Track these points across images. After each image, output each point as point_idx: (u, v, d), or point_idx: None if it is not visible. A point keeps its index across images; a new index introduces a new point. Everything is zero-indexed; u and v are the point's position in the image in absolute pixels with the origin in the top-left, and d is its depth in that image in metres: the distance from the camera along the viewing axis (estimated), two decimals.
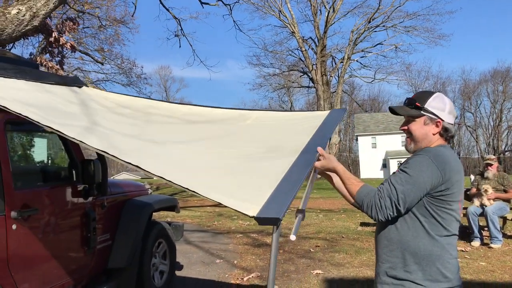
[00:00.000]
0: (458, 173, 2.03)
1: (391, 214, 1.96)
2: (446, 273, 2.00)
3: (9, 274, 3.01)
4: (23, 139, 3.74)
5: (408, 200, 1.94)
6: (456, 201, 2.03)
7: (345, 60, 32.88)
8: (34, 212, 3.24)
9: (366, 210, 2.01)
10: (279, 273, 5.74)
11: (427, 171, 1.94)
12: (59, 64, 12.00)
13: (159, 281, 4.82)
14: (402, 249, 2.03)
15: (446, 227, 2.00)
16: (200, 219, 11.28)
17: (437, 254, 1.99)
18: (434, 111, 2.07)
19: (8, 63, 3.15)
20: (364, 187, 2.04)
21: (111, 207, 4.26)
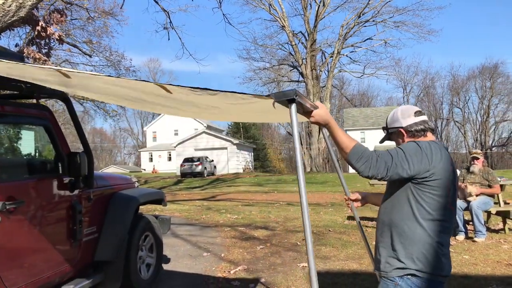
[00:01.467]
0: (445, 162, 2.18)
1: (380, 175, 2.11)
2: (428, 257, 2.12)
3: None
4: (8, 131, 3.73)
5: (398, 170, 2.11)
6: (442, 188, 2.15)
7: (335, 55, 32.96)
8: (19, 204, 3.23)
9: (359, 164, 2.11)
10: (266, 266, 5.79)
11: (419, 156, 2.13)
12: (46, 55, 11.89)
13: (145, 274, 4.84)
14: (391, 229, 2.23)
15: (431, 211, 2.14)
16: (188, 212, 11.29)
17: (420, 237, 2.14)
18: (392, 125, 2.39)
19: None
20: (360, 145, 2.16)
21: (97, 200, 4.26)
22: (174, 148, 44.13)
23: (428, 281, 2.14)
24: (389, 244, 2.24)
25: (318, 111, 2.20)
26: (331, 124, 2.20)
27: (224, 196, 16.26)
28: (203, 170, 34.45)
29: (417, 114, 2.35)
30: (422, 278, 2.13)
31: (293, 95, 1.82)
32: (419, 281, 2.13)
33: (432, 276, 2.14)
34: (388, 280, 2.21)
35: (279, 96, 1.85)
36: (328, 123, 2.20)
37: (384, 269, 2.23)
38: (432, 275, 2.13)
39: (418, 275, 2.13)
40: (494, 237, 7.31)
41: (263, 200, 14.36)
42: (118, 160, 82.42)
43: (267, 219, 9.85)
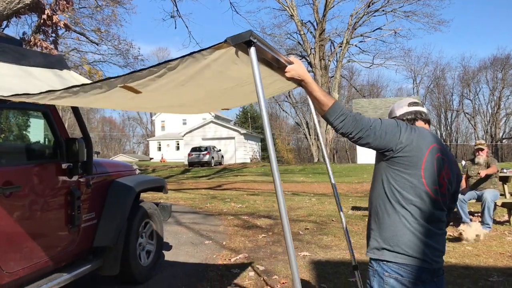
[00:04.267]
0: (420, 142, 2.13)
1: (354, 133, 2.08)
2: (403, 242, 2.08)
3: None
4: (6, 117, 3.73)
5: (371, 134, 2.09)
6: (413, 167, 2.09)
7: (344, 45, 32.70)
8: (16, 189, 3.25)
9: (337, 121, 2.07)
10: (267, 254, 5.79)
11: (394, 127, 2.13)
12: (54, 43, 11.91)
13: (145, 261, 4.86)
14: (371, 211, 2.26)
15: (404, 193, 2.09)
16: (193, 201, 11.33)
17: (393, 221, 2.11)
18: (389, 117, 2.41)
19: None
20: (338, 103, 2.12)
21: (96, 186, 4.27)
22: (182, 138, 44.23)
23: (404, 269, 2.06)
24: (370, 227, 2.25)
25: (292, 66, 2.16)
26: (307, 80, 2.16)
27: (230, 186, 16.29)
28: (210, 160, 34.52)
29: (411, 104, 2.35)
30: (398, 264, 2.06)
31: (249, 37, 1.72)
32: (395, 268, 2.07)
33: (409, 264, 2.06)
34: (369, 265, 2.18)
35: (235, 40, 1.74)
36: (303, 78, 2.16)
37: (367, 251, 2.21)
38: (411, 263, 2.05)
39: (393, 261, 2.07)
40: (499, 228, 7.25)
41: (269, 190, 14.36)
42: (127, 149, 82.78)
43: (271, 208, 9.85)
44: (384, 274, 2.08)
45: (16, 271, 3.26)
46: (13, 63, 3.12)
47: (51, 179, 3.69)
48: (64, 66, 3.74)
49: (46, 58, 3.71)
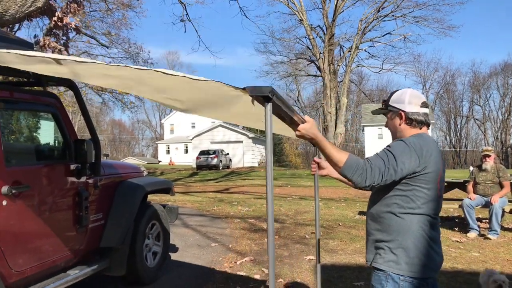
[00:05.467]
0: (435, 155, 2.18)
1: (376, 182, 2.07)
2: (416, 251, 2.13)
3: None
4: (16, 118, 3.79)
5: (390, 174, 2.08)
6: (433, 181, 2.15)
7: (353, 50, 32.63)
8: (25, 189, 3.29)
9: (356, 177, 2.07)
10: None
11: (407, 155, 2.10)
12: (64, 46, 12.03)
13: (151, 262, 4.90)
14: (378, 221, 2.25)
15: (420, 204, 2.13)
16: (200, 204, 11.37)
17: (407, 229, 2.13)
18: (394, 105, 2.31)
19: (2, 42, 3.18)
20: (352, 157, 2.11)
21: (104, 187, 4.32)
22: (191, 141, 44.37)
23: (413, 280, 2.13)
24: (379, 238, 2.23)
25: (305, 125, 2.15)
26: (318, 139, 2.14)
27: (237, 189, 16.32)
28: (218, 163, 34.57)
29: (423, 105, 2.30)
30: (409, 278, 2.12)
31: (267, 93, 1.73)
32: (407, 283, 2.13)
33: (418, 274, 2.13)
34: (379, 271, 2.20)
35: (254, 91, 1.76)
36: (315, 137, 2.15)
37: (375, 261, 2.22)
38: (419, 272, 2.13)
39: (412, 276, 2.12)
40: (507, 235, 7.20)
41: (276, 194, 14.35)
42: (136, 152, 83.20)
43: (277, 212, 9.85)
44: (400, 279, 2.12)
45: (24, 269, 3.31)
46: None
47: (59, 179, 3.74)
48: None
49: None
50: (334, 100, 32.75)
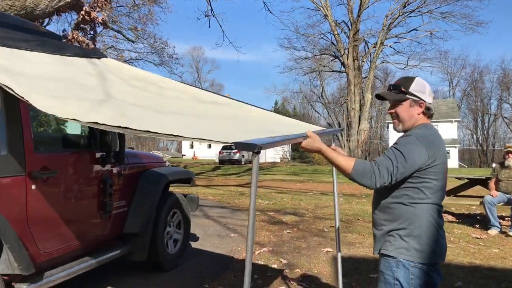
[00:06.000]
0: (442, 147, 2.26)
1: (386, 182, 2.15)
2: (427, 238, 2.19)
3: (28, 230, 3.26)
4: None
5: (400, 172, 2.14)
6: (441, 172, 2.22)
7: (378, 45, 32.34)
8: (52, 174, 3.46)
9: (365, 180, 2.15)
10: (290, 249, 5.90)
11: (416, 150, 2.16)
12: (92, 40, 12.34)
13: (172, 249, 5.05)
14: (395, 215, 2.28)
15: (429, 195, 2.20)
16: (222, 196, 11.53)
17: (421, 222, 2.19)
18: (417, 94, 2.31)
19: (31, 34, 3.35)
20: (359, 162, 2.19)
21: (128, 176, 4.48)
22: None
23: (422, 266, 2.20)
24: (387, 226, 2.29)
25: (307, 141, 2.31)
26: (323, 150, 2.28)
27: (258, 184, 16.37)
28: (240, 158, 34.76)
29: (434, 98, 2.40)
30: (419, 264, 2.19)
31: (256, 149, 1.89)
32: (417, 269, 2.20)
33: (427, 260, 2.20)
34: (390, 258, 2.26)
35: (242, 147, 1.92)
36: (319, 149, 2.29)
37: (385, 248, 2.29)
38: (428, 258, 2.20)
39: (422, 262, 2.19)
40: None
41: (297, 189, 14.43)
42: (161, 146, 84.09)
43: (297, 206, 9.93)
44: (410, 265, 2.19)
45: (51, 251, 3.48)
46: (53, 53, 3.34)
47: (85, 166, 3.91)
48: (101, 55, 3.96)
49: (82, 50, 3.95)
50: (358, 96, 32.55)
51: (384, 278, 2.28)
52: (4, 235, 2.96)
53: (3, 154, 3.10)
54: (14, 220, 3.09)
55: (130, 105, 2.79)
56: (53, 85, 2.78)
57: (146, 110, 2.80)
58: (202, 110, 3.29)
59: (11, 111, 3.17)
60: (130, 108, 2.72)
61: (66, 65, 3.28)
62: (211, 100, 3.62)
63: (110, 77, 3.36)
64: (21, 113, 3.23)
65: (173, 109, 3.01)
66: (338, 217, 3.86)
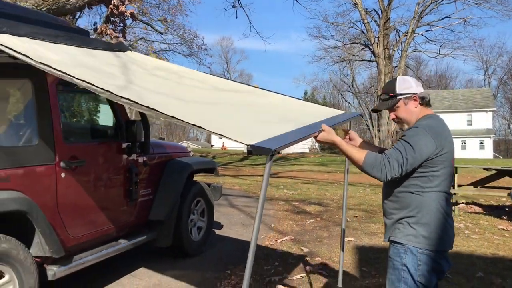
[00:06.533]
0: (448, 135, 2.32)
1: (397, 174, 2.23)
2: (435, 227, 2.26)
3: (58, 216, 3.46)
4: (73, 99, 4.16)
5: (409, 163, 2.22)
6: (449, 160, 2.28)
7: (409, 34, 31.70)
8: (81, 163, 3.66)
9: (376, 172, 2.24)
10: (312, 238, 5.99)
11: (423, 141, 2.23)
12: (122, 32, 12.60)
13: (196, 236, 5.22)
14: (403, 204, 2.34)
15: (437, 182, 2.27)
16: (248, 186, 11.68)
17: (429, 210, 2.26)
18: (405, 91, 2.40)
19: (60, 31, 3.53)
20: (370, 154, 2.28)
21: (153, 165, 4.65)
22: None
23: (430, 253, 2.27)
24: (397, 215, 2.36)
25: (323, 134, 2.41)
26: (339, 143, 2.38)
27: (285, 174, 16.51)
28: None
29: (423, 86, 2.47)
30: (427, 251, 2.26)
31: (270, 153, 1.93)
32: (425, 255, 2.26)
33: (435, 247, 2.26)
34: (398, 245, 2.34)
35: (258, 151, 1.96)
36: (334, 142, 2.39)
37: (394, 235, 2.36)
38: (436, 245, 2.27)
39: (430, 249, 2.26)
40: None
41: (324, 179, 14.44)
42: (191, 136, 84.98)
43: (322, 196, 9.98)
44: (418, 251, 2.27)
45: (80, 236, 3.69)
46: (80, 46, 3.53)
47: (111, 156, 4.09)
48: (125, 48, 4.13)
49: (107, 44, 4.13)
50: None
51: (393, 264, 2.35)
52: (36, 220, 3.17)
53: (34, 144, 3.30)
54: (45, 207, 3.30)
55: (151, 92, 2.93)
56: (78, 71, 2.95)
57: (167, 97, 2.92)
58: (220, 98, 3.39)
59: (41, 103, 3.36)
60: (151, 94, 2.86)
61: (91, 56, 3.45)
62: (228, 88, 3.72)
63: (132, 68, 3.52)
64: (50, 105, 3.42)
65: (194, 97, 3.13)
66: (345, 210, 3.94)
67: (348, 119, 3.31)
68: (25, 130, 3.35)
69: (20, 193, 3.10)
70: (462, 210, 8.04)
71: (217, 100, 3.25)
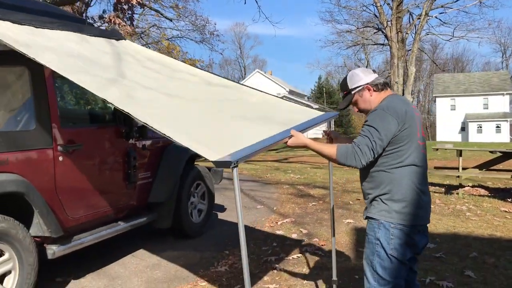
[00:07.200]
0: (409, 110, 2.39)
1: (370, 158, 2.32)
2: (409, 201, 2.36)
3: (57, 197, 3.61)
4: (71, 84, 4.27)
5: (378, 145, 2.31)
6: (411, 134, 2.35)
7: (423, 17, 31.17)
8: (78, 147, 3.79)
9: (350, 161, 2.33)
10: (312, 220, 6.09)
11: (385, 121, 2.33)
12: (130, 20, 12.73)
13: (197, 218, 5.35)
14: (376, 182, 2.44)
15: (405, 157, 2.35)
16: (255, 171, 11.80)
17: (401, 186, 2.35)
18: (356, 85, 2.52)
19: (55, 18, 3.64)
20: (341, 146, 2.38)
21: (151, 149, 4.77)
22: None
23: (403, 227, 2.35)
24: (373, 193, 2.45)
25: (291, 140, 2.49)
26: (309, 145, 2.47)
27: (296, 159, 16.60)
28: None
29: (374, 72, 2.56)
30: (399, 225, 2.35)
31: (230, 166, 2.02)
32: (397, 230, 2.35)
33: (408, 222, 2.35)
34: (373, 220, 2.43)
35: (220, 164, 2.06)
36: (305, 145, 2.48)
37: (369, 212, 2.45)
38: (409, 220, 2.35)
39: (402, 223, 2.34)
40: None
41: (334, 164, 14.44)
42: None
43: (327, 180, 10.00)
44: (390, 226, 2.36)
45: (79, 217, 3.84)
46: (73, 32, 3.65)
47: (109, 140, 4.22)
48: (119, 36, 4.24)
49: (101, 31, 4.24)
50: (402, 69, 31.69)
51: (368, 239, 2.46)
52: (34, 201, 3.32)
53: (32, 129, 3.44)
54: (43, 189, 3.44)
55: (140, 86, 3.04)
56: (72, 60, 3.07)
57: (155, 92, 3.02)
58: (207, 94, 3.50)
59: (38, 88, 3.49)
60: (139, 89, 2.96)
61: (84, 43, 3.56)
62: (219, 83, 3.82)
63: (125, 58, 3.62)
64: (47, 90, 3.55)
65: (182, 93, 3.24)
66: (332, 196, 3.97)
67: (325, 119, 3.34)
68: (23, 115, 3.47)
69: (17, 176, 3.24)
70: (467, 193, 8.04)
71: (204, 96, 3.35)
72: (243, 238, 2.09)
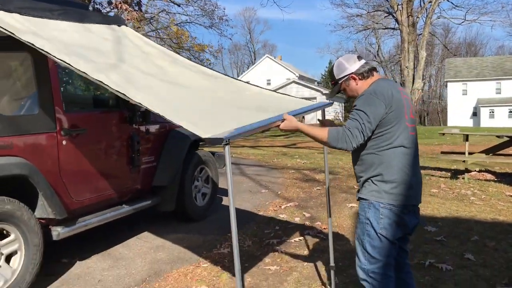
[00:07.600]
0: (394, 94, 2.42)
1: (361, 140, 2.37)
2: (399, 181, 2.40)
3: (61, 180, 3.69)
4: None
5: (367, 127, 2.35)
6: (398, 116, 2.39)
7: (434, 0, 30.78)
8: (82, 131, 3.86)
9: (341, 144, 2.37)
10: (316, 204, 6.14)
11: (372, 104, 2.37)
12: (138, 5, 12.74)
13: (201, 202, 5.43)
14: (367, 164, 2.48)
15: (393, 140, 2.39)
16: (262, 156, 11.85)
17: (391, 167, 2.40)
18: (342, 75, 2.57)
19: (56, 5, 3.68)
20: (332, 129, 2.41)
21: (155, 133, 4.83)
22: None
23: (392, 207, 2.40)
24: (364, 175, 2.49)
25: (284, 123, 2.53)
26: (301, 128, 2.50)
27: (304, 144, 16.59)
28: None
29: (359, 58, 2.57)
30: (388, 205, 2.39)
31: (221, 143, 2.06)
32: (386, 209, 2.40)
33: (397, 202, 2.39)
34: (364, 200, 2.47)
35: (213, 142, 2.10)
36: (297, 128, 2.51)
37: (360, 193, 2.50)
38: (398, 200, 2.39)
39: (391, 203, 2.39)
40: None
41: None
42: None
43: (335, 165, 10.06)
44: (380, 206, 2.41)
45: (83, 200, 3.92)
46: (75, 21, 3.68)
47: (113, 124, 4.28)
48: (121, 22, 4.27)
49: (103, 17, 4.27)
50: (413, 54, 31.36)
51: (359, 219, 2.53)
52: (38, 184, 3.40)
53: (35, 113, 3.51)
54: (47, 172, 3.52)
55: (138, 72, 3.09)
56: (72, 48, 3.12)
57: (152, 78, 3.07)
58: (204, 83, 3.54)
59: (41, 74, 3.55)
60: (137, 74, 3.01)
61: (85, 33, 3.60)
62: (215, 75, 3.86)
63: (125, 43, 3.66)
64: (50, 76, 3.61)
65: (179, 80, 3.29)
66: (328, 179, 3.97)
67: (318, 107, 3.33)
68: (26, 100, 3.54)
69: (21, 159, 3.32)
70: (473, 178, 8.02)
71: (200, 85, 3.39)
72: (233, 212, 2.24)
